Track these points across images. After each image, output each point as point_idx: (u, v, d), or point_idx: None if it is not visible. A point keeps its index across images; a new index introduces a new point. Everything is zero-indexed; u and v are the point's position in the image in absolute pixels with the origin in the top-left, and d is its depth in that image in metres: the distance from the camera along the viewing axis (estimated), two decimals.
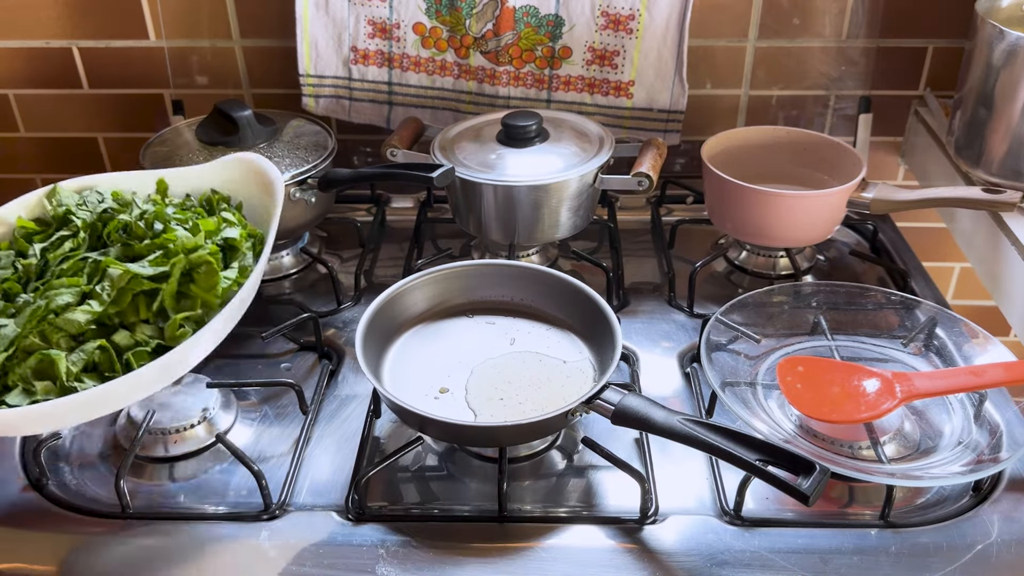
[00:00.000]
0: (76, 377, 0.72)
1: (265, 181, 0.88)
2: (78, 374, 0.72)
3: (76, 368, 0.72)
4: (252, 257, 0.83)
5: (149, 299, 0.77)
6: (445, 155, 1.12)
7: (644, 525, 0.81)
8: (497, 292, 1.00)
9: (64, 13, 1.30)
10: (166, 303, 0.77)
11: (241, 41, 1.30)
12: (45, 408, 0.69)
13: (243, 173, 0.89)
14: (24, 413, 0.69)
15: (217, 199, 0.88)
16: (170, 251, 0.78)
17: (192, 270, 0.78)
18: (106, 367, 0.74)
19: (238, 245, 0.82)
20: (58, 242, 0.81)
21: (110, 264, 0.76)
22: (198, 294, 0.78)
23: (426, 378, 0.90)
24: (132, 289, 0.76)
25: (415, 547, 0.79)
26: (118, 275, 0.75)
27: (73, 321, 0.74)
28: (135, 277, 0.76)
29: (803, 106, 1.31)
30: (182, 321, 0.76)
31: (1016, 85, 1.03)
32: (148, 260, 0.78)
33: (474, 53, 1.23)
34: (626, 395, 0.80)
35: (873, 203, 1.08)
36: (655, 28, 1.18)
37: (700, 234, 1.26)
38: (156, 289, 0.77)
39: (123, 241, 0.80)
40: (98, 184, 0.87)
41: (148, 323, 0.77)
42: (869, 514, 0.83)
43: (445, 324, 0.98)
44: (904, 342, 0.98)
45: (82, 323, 0.74)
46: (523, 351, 0.94)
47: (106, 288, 0.75)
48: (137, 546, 0.80)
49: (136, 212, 0.83)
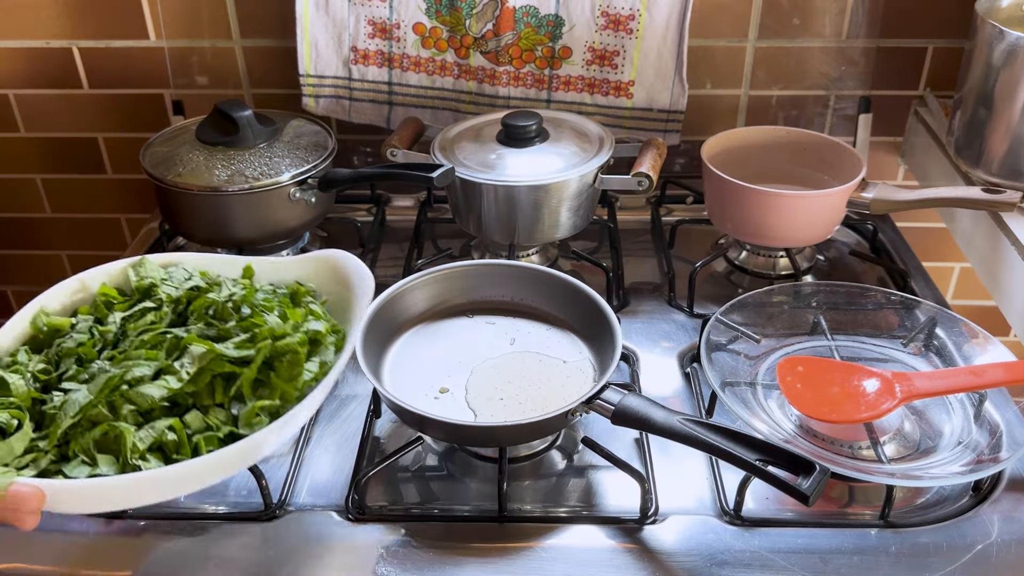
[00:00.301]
0: (141, 455, 0.68)
1: (352, 280, 0.84)
2: (144, 452, 0.68)
3: (143, 445, 0.68)
4: (333, 353, 0.79)
5: (227, 383, 0.73)
6: (445, 155, 1.12)
7: (644, 525, 0.81)
8: (497, 292, 1.00)
9: (64, 13, 1.30)
10: (244, 389, 0.73)
11: (241, 41, 1.30)
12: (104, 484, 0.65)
13: (331, 269, 0.86)
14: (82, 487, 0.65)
15: (303, 292, 0.84)
16: (256, 336, 0.75)
17: (275, 358, 0.75)
18: (173, 449, 0.69)
19: (322, 339, 0.78)
20: (139, 313, 0.79)
21: (193, 341, 0.73)
22: (277, 384, 0.74)
23: (426, 378, 0.90)
24: (212, 370, 0.73)
25: (415, 547, 0.79)
26: (201, 353, 0.72)
27: (147, 396, 0.70)
28: (218, 357, 0.72)
29: (803, 106, 1.31)
30: (259, 410, 0.72)
31: (1016, 85, 1.03)
32: (232, 343, 0.75)
33: (474, 53, 1.23)
34: (626, 395, 0.80)
35: (873, 203, 1.08)
36: (655, 28, 1.18)
37: (700, 234, 1.26)
38: (235, 373, 0.73)
39: (207, 320, 0.78)
40: (183, 262, 0.85)
41: (222, 408, 0.73)
42: (869, 514, 0.83)
43: (445, 324, 0.98)
44: (904, 342, 0.98)
45: (156, 398, 0.70)
46: (523, 351, 0.94)
47: (185, 365, 0.72)
48: (137, 546, 0.80)
49: (225, 293, 0.80)
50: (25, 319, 0.78)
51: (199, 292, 0.81)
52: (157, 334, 0.75)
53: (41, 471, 0.67)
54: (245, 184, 1.08)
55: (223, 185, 1.08)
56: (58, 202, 1.50)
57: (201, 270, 0.85)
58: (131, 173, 1.46)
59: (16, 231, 1.54)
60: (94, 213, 1.51)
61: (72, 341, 0.76)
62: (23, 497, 0.61)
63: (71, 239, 1.54)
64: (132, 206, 1.49)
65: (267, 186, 1.08)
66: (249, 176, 1.08)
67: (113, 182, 1.47)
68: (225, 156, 1.10)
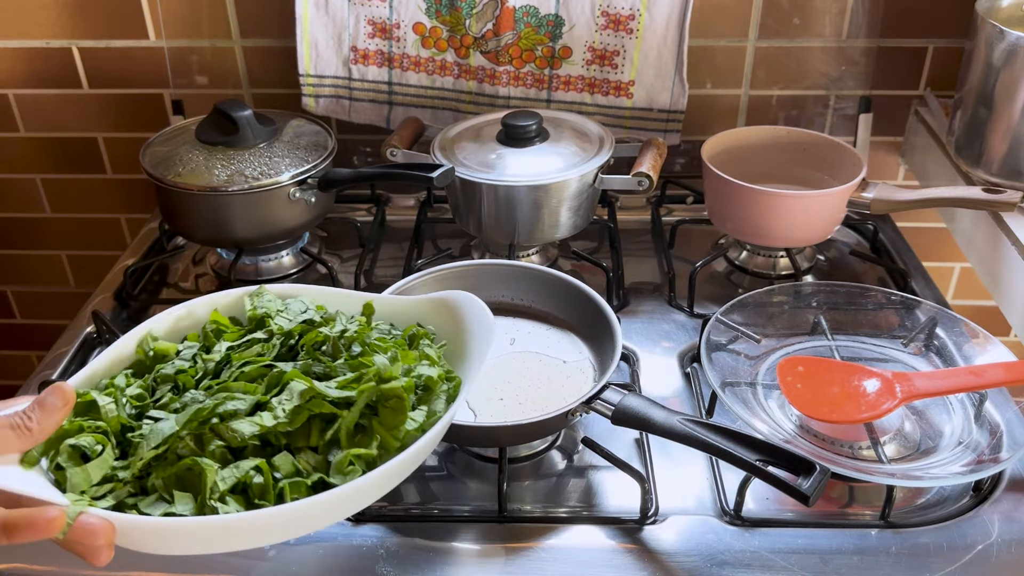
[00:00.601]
0: (221, 496, 0.62)
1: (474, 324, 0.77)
2: (224, 493, 0.62)
3: (224, 486, 0.62)
4: (444, 403, 0.71)
5: (324, 425, 0.67)
6: (445, 155, 1.12)
7: (644, 525, 0.81)
8: (497, 292, 1.00)
9: (64, 13, 1.30)
10: (341, 433, 0.66)
11: (241, 41, 1.30)
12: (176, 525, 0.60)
13: (454, 313, 0.79)
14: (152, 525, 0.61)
15: (421, 334, 0.77)
16: (363, 377, 0.68)
17: (379, 402, 0.68)
18: (257, 493, 0.63)
19: (433, 386, 0.71)
20: (247, 344, 0.74)
21: (295, 377, 0.68)
22: (378, 431, 0.67)
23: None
24: (311, 409, 0.66)
25: (415, 547, 0.79)
26: (301, 390, 0.66)
27: (238, 432, 0.64)
28: (317, 396, 0.66)
29: (803, 106, 1.31)
30: (353, 458, 0.65)
31: (1016, 85, 1.03)
32: (336, 381, 0.68)
33: (474, 53, 1.23)
34: (626, 395, 0.80)
35: (873, 203, 1.08)
36: (655, 28, 1.18)
37: (700, 234, 1.26)
38: (335, 416, 0.67)
39: (316, 357, 0.72)
40: (303, 295, 0.80)
41: (315, 452, 0.66)
42: (869, 514, 0.83)
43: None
44: (904, 342, 0.98)
45: (247, 436, 0.64)
46: (523, 351, 0.94)
47: (283, 402, 0.66)
48: None
49: (338, 328, 0.74)
50: (131, 343, 0.73)
51: (312, 326, 0.76)
52: (260, 367, 0.70)
53: (119, 502, 0.62)
54: (245, 184, 1.08)
55: (223, 185, 1.08)
56: (58, 202, 1.50)
57: (318, 304, 0.80)
58: (131, 173, 1.46)
59: (16, 231, 1.54)
60: (94, 213, 1.51)
61: (172, 368, 0.71)
62: (91, 530, 0.57)
63: (71, 239, 1.54)
64: (132, 206, 1.49)
65: (267, 186, 1.08)
66: (249, 176, 1.08)
67: (113, 182, 1.47)
68: (225, 156, 1.10)
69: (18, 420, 0.59)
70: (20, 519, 0.55)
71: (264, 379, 0.69)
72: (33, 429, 0.59)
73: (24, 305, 1.64)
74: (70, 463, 0.62)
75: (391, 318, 0.81)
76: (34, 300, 1.63)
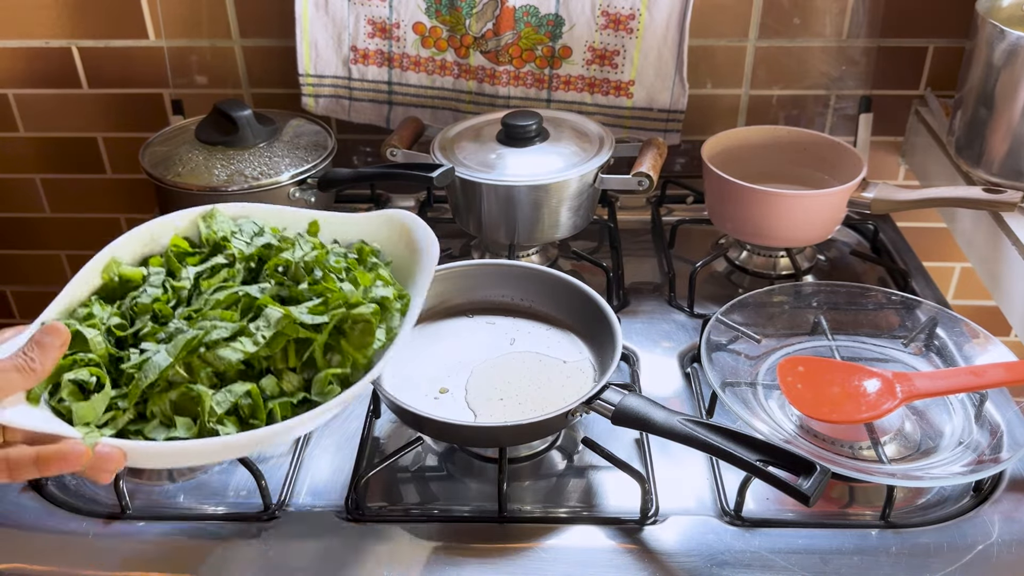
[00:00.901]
0: (219, 419, 0.68)
1: (419, 243, 0.83)
2: (221, 416, 0.69)
3: (220, 410, 0.68)
4: (399, 319, 0.78)
5: (300, 348, 0.73)
6: (445, 155, 1.12)
7: (644, 525, 0.81)
8: (497, 292, 1.00)
9: (64, 13, 1.30)
10: (316, 355, 0.73)
11: (241, 41, 1.30)
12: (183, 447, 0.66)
13: (395, 230, 0.85)
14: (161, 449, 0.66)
15: (368, 251, 0.83)
16: (329, 301, 0.74)
17: (346, 324, 0.74)
18: (248, 413, 0.70)
19: (389, 306, 0.77)
20: (212, 270, 0.79)
21: (268, 304, 0.73)
22: (349, 351, 0.74)
23: (426, 378, 0.90)
24: (287, 334, 0.72)
25: (415, 547, 0.79)
26: (277, 317, 0.72)
27: (225, 358, 0.70)
28: (293, 322, 0.72)
29: (803, 106, 1.31)
30: (331, 377, 0.72)
31: (1017, 85, 1.03)
32: (307, 307, 0.74)
33: (474, 53, 1.23)
34: (626, 395, 0.80)
35: (874, 203, 1.08)
36: (655, 28, 1.18)
37: (700, 234, 1.26)
38: (308, 339, 0.73)
39: (280, 281, 0.77)
40: (252, 214, 0.84)
41: (295, 372, 0.73)
42: (869, 514, 0.82)
43: (445, 324, 0.98)
44: (905, 342, 0.98)
45: (233, 362, 0.70)
46: (523, 351, 0.94)
47: (261, 328, 0.72)
48: (137, 546, 0.80)
49: (298, 253, 0.79)
50: (97, 269, 0.77)
51: (272, 250, 0.80)
52: (231, 293, 0.75)
53: (119, 430, 0.68)
54: (244, 184, 1.08)
55: (222, 185, 1.08)
56: (57, 202, 1.50)
57: (272, 226, 0.84)
58: (131, 173, 1.45)
59: (16, 231, 1.54)
60: (94, 213, 1.51)
61: (147, 296, 0.75)
62: (107, 457, 0.63)
63: (71, 239, 1.54)
64: (132, 206, 1.49)
65: (266, 186, 1.08)
66: (248, 176, 1.08)
67: (113, 182, 1.47)
68: (225, 156, 1.10)
69: (21, 362, 0.63)
70: (52, 454, 0.61)
71: (238, 306, 0.74)
72: (36, 369, 0.64)
73: (24, 305, 1.63)
74: (72, 398, 0.67)
75: (336, 235, 0.85)
76: (34, 300, 1.63)
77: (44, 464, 0.61)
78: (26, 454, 0.61)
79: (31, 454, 0.61)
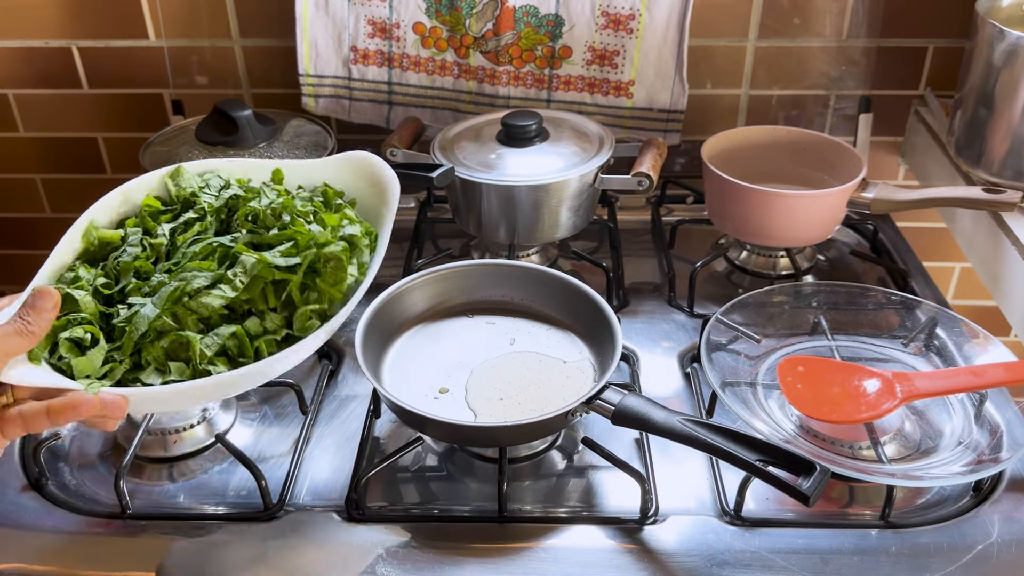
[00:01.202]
0: (210, 360, 0.74)
1: (378, 181, 0.88)
2: (212, 358, 0.74)
3: (210, 352, 0.74)
4: (369, 254, 0.83)
5: (277, 289, 0.78)
6: (445, 155, 1.12)
7: (644, 525, 0.81)
8: (497, 292, 1.00)
9: (64, 13, 1.30)
10: (293, 294, 0.78)
11: (241, 41, 1.30)
12: (179, 389, 0.71)
13: (356, 171, 0.89)
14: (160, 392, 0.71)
15: (333, 194, 0.87)
16: (299, 243, 0.79)
17: (319, 264, 0.79)
18: (236, 353, 0.75)
19: (358, 242, 0.82)
20: (185, 225, 0.82)
21: (242, 251, 0.77)
22: (323, 288, 0.79)
23: (426, 378, 0.90)
24: (264, 278, 0.77)
25: (415, 547, 0.79)
26: (251, 263, 0.76)
27: (208, 305, 0.75)
28: (268, 266, 0.76)
29: (803, 106, 1.31)
30: (311, 314, 0.78)
31: (1016, 85, 1.03)
32: (279, 251, 0.78)
33: (474, 53, 1.23)
34: (626, 395, 0.80)
35: (873, 203, 1.08)
36: (655, 28, 1.18)
37: (700, 234, 1.26)
38: (284, 280, 0.77)
39: (251, 229, 0.81)
40: (218, 169, 0.88)
41: (275, 312, 0.78)
42: (869, 514, 0.82)
43: (445, 324, 0.98)
44: (904, 342, 0.98)
45: (216, 307, 0.75)
46: (523, 351, 0.94)
47: (238, 275, 0.76)
48: (137, 546, 0.80)
49: (265, 201, 0.83)
50: (77, 235, 0.81)
51: (239, 200, 0.84)
52: (206, 244, 0.79)
53: (118, 380, 0.72)
54: None
55: None
56: (58, 202, 1.50)
57: (236, 177, 0.88)
58: (131, 173, 1.43)
59: (16, 231, 1.54)
60: None
61: (128, 255, 0.79)
62: (112, 404, 0.67)
63: None
64: None
65: None
66: None
67: (113, 182, 1.44)
68: (225, 156, 1.10)
69: (20, 326, 0.66)
70: (62, 404, 0.65)
71: (214, 256, 0.78)
72: (34, 331, 0.67)
73: None
74: (71, 354, 0.71)
75: (300, 180, 0.89)
76: None
77: (56, 414, 0.65)
78: (37, 407, 0.65)
79: (42, 407, 0.65)
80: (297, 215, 0.81)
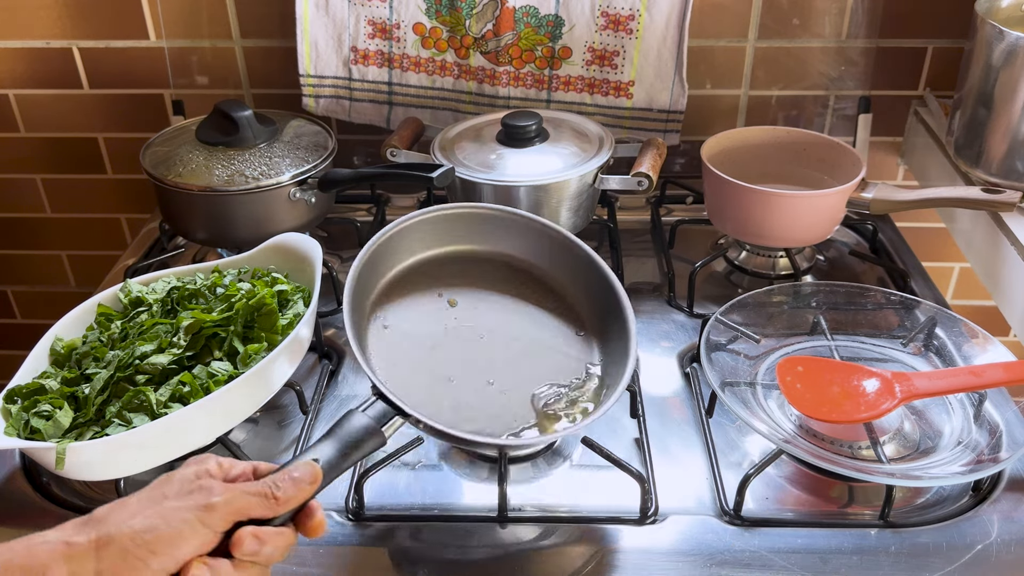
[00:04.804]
0: (165, 405, 0.81)
1: (304, 254, 0.98)
2: (166, 402, 0.82)
3: (164, 398, 0.82)
4: (303, 305, 0.93)
5: (220, 342, 0.88)
6: (445, 155, 1.12)
7: (644, 525, 0.81)
8: (501, 245, 0.94)
9: (64, 13, 1.30)
10: (234, 342, 0.87)
11: (241, 41, 1.30)
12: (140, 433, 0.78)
13: (284, 250, 1.00)
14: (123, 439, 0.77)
15: (263, 272, 0.98)
16: (233, 302, 0.90)
17: (254, 313, 0.89)
18: (190, 397, 0.82)
19: (289, 296, 0.94)
20: (135, 315, 0.93)
21: (182, 318, 0.88)
22: (262, 333, 0.88)
23: (426, 374, 0.89)
24: (205, 333, 0.87)
25: (415, 547, 0.79)
26: (189, 323, 0.87)
27: (156, 364, 0.84)
28: (204, 322, 0.87)
29: (803, 106, 1.31)
30: (252, 352, 0.86)
31: (1016, 85, 1.03)
32: (216, 310, 0.90)
33: (474, 53, 1.23)
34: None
35: (873, 203, 1.08)
36: (655, 28, 1.18)
37: (700, 234, 1.26)
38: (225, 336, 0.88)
39: (191, 306, 0.92)
40: (161, 277, 0.98)
41: (221, 361, 0.86)
42: (869, 514, 0.83)
43: (431, 307, 0.92)
44: (904, 342, 0.98)
45: (164, 363, 0.84)
46: (507, 337, 0.90)
47: (181, 337, 0.86)
48: None
49: (200, 282, 0.96)
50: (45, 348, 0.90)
51: (180, 290, 0.95)
52: (152, 322, 0.90)
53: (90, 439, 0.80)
54: (245, 184, 1.08)
55: (223, 185, 1.08)
56: (58, 202, 1.50)
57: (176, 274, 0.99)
58: (131, 173, 1.46)
59: (16, 231, 1.54)
60: (94, 213, 1.51)
61: (87, 347, 0.89)
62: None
63: (71, 239, 1.54)
64: (132, 206, 1.49)
65: (267, 186, 1.08)
66: (249, 176, 1.08)
67: (113, 182, 1.47)
68: (225, 156, 1.10)
69: (267, 490, 0.62)
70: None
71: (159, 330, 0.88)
72: (280, 499, 0.62)
73: (24, 305, 1.64)
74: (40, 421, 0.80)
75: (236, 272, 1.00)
76: (34, 300, 1.63)
77: None
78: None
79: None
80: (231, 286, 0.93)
